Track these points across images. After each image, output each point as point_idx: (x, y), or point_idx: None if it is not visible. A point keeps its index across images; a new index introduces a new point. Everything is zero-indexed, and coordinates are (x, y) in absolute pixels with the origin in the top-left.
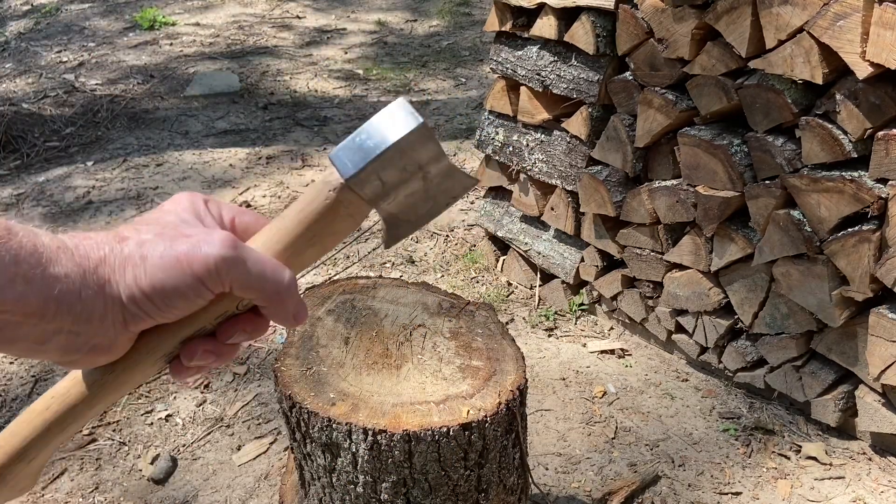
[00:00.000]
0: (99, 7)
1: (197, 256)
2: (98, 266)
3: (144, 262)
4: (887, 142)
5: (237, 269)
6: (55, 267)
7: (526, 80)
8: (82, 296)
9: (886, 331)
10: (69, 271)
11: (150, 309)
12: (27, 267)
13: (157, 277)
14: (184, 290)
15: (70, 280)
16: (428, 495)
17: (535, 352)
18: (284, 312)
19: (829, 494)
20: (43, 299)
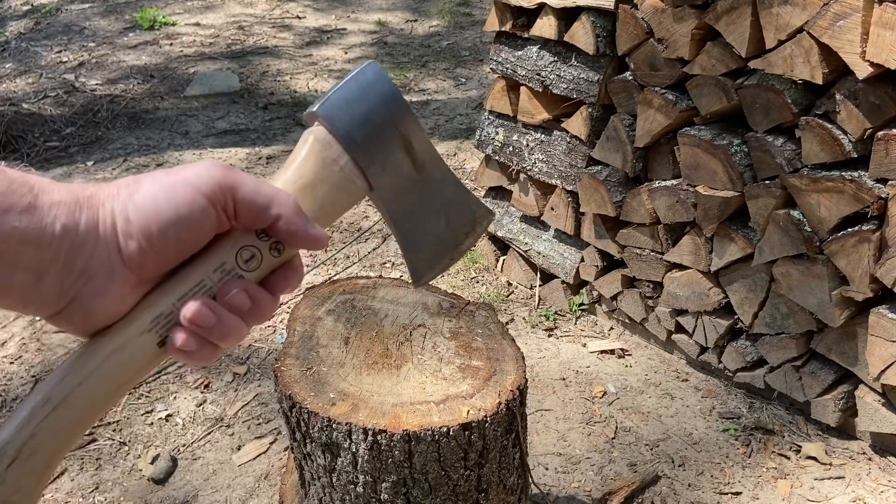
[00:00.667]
0: (99, 7)
1: (193, 173)
2: (93, 194)
3: (138, 183)
4: (887, 142)
5: (236, 178)
6: (49, 195)
7: (526, 80)
8: (76, 218)
9: (886, 331)
10: (63, 198)
11: (148, 230)
12: (18, 197)
13: (152, 193)
14: (183, 204)
15: (65, 205)
16: (428, 495)
17: (535, 352)
18: (300, 226)
19: (828, 494)
20: (39, 226)
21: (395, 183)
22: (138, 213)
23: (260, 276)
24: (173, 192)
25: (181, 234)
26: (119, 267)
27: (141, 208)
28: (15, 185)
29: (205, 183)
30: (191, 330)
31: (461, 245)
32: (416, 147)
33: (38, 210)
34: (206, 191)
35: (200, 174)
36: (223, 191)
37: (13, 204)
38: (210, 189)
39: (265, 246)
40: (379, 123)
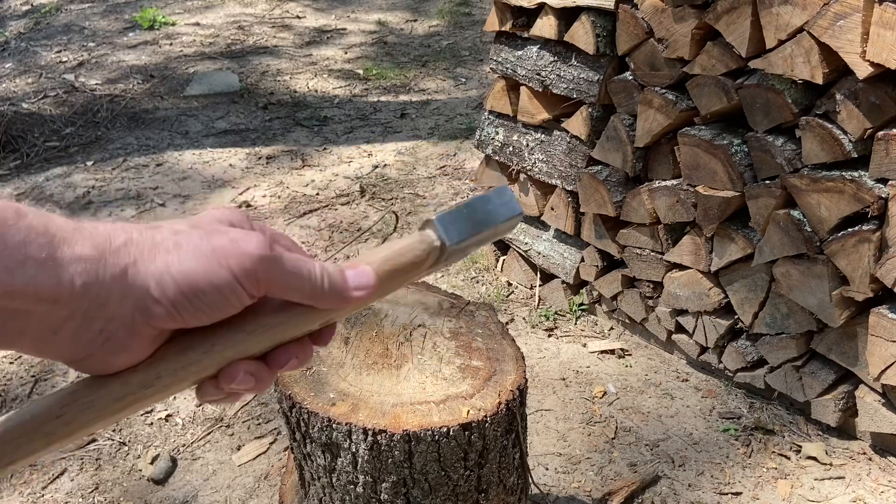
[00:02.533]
0: (99, 7)
1: (234, 251)
2: (122, 248)
3: (178, 250)
4: (887, 142)
5: (275, 269)
6: (69, 247)
7: (526, 80)
8: (99, 276)
9: (886, 331)
10: (85, 252)
11: (178, 300)
12: (37, 248)
13: (189, 265)
14: (217, 283)
15: (86, 260)
16: (428, 495)
17: (535, 352)
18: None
19: (829, 494)
20: (56, 282)
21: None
22: (175, 285)
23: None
24: (214, 274)
25: (211, 311)
26: (141, 327)
27: (178, 281)
28: (34, 234)
29: (245, 274)
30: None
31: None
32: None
33: (57, 264)
34: (245, 282)
35: (242, 260)
36: (261, 282)
37: (29, 256)
38: (249, 281)
39: None
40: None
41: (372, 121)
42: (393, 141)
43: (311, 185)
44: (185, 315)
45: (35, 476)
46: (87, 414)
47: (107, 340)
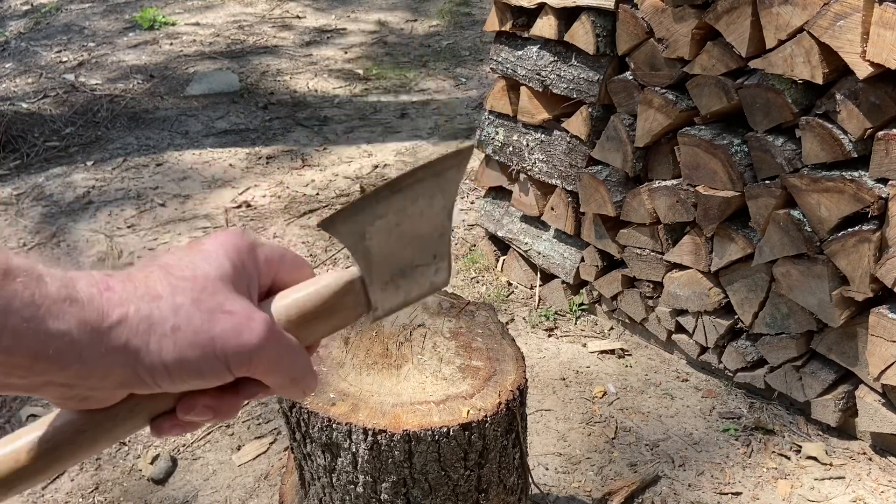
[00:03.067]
0: (99, 7)
1: (233, 343)
2: (115, 327)
3: (175, 335)
4: (887, 142)
5: (268, 360)
6: (53, 322)
7: (526, 79)
8: (83, 356)
9: (886, 331)
10: (71, 328)
11: (164, 381)
12: (18, 320)
13: (184, 354)
14: (207, 372)
15: (69, 338)
16: (428, 495)
17: (535, 352)
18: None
19: (829, 494)
20: (32, 355)
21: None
22: (164, 370)
23: None
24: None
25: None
26: (121, 393)
27: (169, 369)
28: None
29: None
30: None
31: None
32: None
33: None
34: (237, 372)
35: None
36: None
37: (7, 326)
38: (241, 371)
39: None
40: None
41: (372, 121)
42: (393, 141)
43: (311, 185)
44: (166, 389)
45: None
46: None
47: (82, 401)
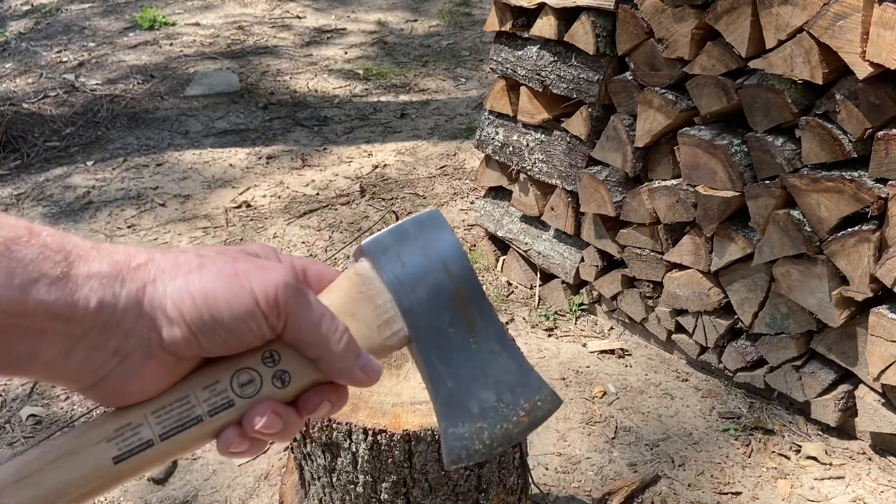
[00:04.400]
0: (99, 7)
1: (259, 275)
2: (141, 266)
3: (201, 270)
4: (887, 142)
5: (298, 301)
6: (85, 264)
7: (526, 80)
8: (115, 294)
9: (886, 330)
10: (102, 269)
11: (195, 321)
12: (51, 265)
13: (210, 285)
14: (237, 307)
15: (102, 277)
16: (428, 495)
17: (535, 352)
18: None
19: (828, 494)
20: (70, 300)
21: (439, 338)
22: (193, 304)
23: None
24: (233, 296)
25: (229, 338)
26: (157, 350)
27: (197, 301)
28: (48, 251)
29: (266, 298)
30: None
31: (511, 429)
32: (471, 305)
33: (72, 281)
34: (265, 307)
35: (267, 287)
36: (280, 313)
37: (43, 274)
38: (269, 307)
39: (268, 373)
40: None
41: (372, 121)
42: (393, 141)
43: (311, 185)
44: (201, 339)
45: None
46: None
47: (121, 362)
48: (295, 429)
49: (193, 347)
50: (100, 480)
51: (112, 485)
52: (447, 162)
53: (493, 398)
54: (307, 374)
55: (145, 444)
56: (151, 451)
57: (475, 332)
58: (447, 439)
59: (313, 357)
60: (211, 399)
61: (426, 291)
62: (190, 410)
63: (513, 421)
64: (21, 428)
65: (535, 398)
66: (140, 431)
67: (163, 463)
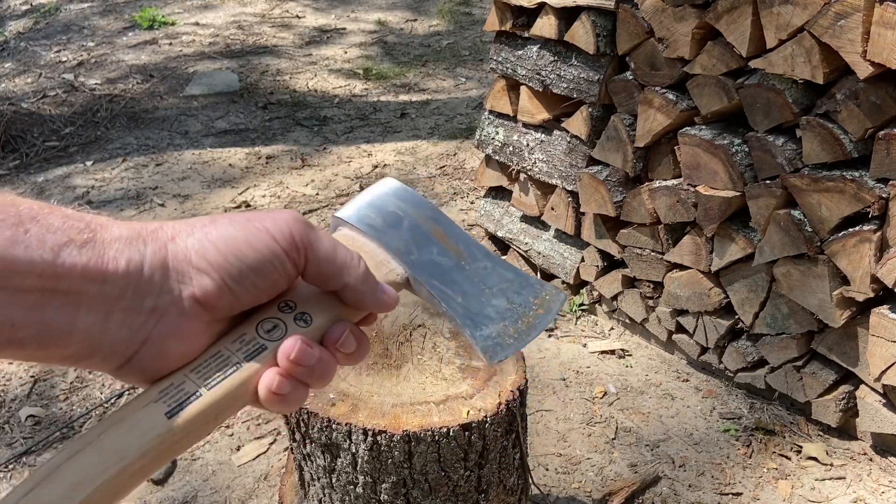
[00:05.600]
0: (98, 6)
1: (269, 217)
2: (158, 229)
3: (214, 224)
4: (888, 141)
5: (310, 233)
6: (106, 231)
7: (526, 79)
8: (140, 253)
9: (887, 331)
10: (122, 233)
11: (221, 265)
12: (76, 232)
13: (228, 232)
14: (257, 245)
15: (126, 240)
16: (428, 496)
17: (535, 352)
18: (367, 294)
19: (829, 495)
20: (100, 261)
21: (433, 268)
22: (216, 250)
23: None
24: (252, 236)
25: (257, 280)
26: (191, 304)
27: (219, 246)
28: (71, 220)
29: (282, 234)
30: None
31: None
32: (450, 237)
33: (99, 244)
34: (283, 243)
35: (279, 225)
36: (298, 246)
37: (71, 239)
38: (287, 242)
39: (289, 317)
40: (400, 215)
41: (372, 121)
42: (393, 141)
43: (311, 184)
44: (230, 283)
45: None
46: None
47: (158, 322)
48: (329, 367)
49: (225, 295)
50: (157, 438)
51: (171, 446)
52: (447, 162)
53: (504, 302)
54: (326, 311)
55: (192, 395)
56: (200, 401)
57: (463, 257)
58: (478, 342)
59: (337, 286)
60: (242, 348)
61: (407, 234)
62: (225, 361)
63: (530, 314)
64: (20, 428)
65: (542, 294)
66: (184, 387)
67: (214, 417)
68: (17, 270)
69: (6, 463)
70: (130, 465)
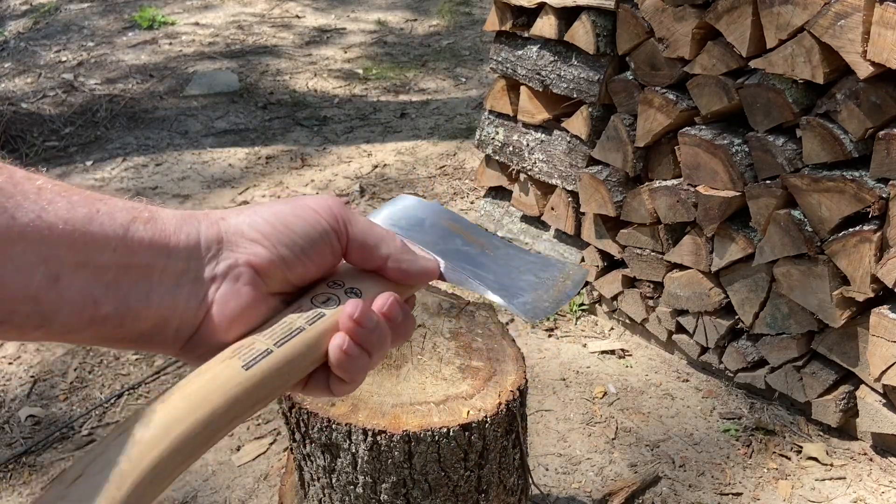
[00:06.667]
0: (98, 6)
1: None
2: (209, 212)
3: (259, 206)
4: (888, 141)
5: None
6: (164, 212)
7: (526, 79)
8: (196, 228)
9: (887, 331)
10: (178, 214)
11: (273, 234)
12: (138, 211)
13: (274, 208)
14: (307, 218)
15: (181, 218)
16: (428, 496)
17: (535, 352)
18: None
19: (829, 495)
20: (163, 235)
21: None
22: (265, 222)
23: None
24: (298, 209)
25: (306, 247)
26: (248, 272)
27: (268, 219)
28: (130, 203)
29: (324, 209)
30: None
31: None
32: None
33: (160, 222)
34: (326, 216)
35: (320, 202)
36: (339, 221)
37: (135, 217)
38: (329, 215)
39: (340, 291)
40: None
41: (372, 121)
42: (393, 141)
43: (311, 184)
44: (282, 251)
45: (34, 477)
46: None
47: (219, 289)
48: (385, 335)
49: (277, 264)
50: (238, 387)
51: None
52: (447, 162)
53: (533, 278)
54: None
55: (264, 352)
56: (272, 356)
57: (486, 247)
58: (516, 307)
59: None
60: (303, 315)
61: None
62: (289, 326)
63: (559, 285)
64: (20, 428)
65: (567, 270)
66: (255, 346)
67: (287, 373)
68: (96, 246)
69: (6, 463)
70: (216, 410)
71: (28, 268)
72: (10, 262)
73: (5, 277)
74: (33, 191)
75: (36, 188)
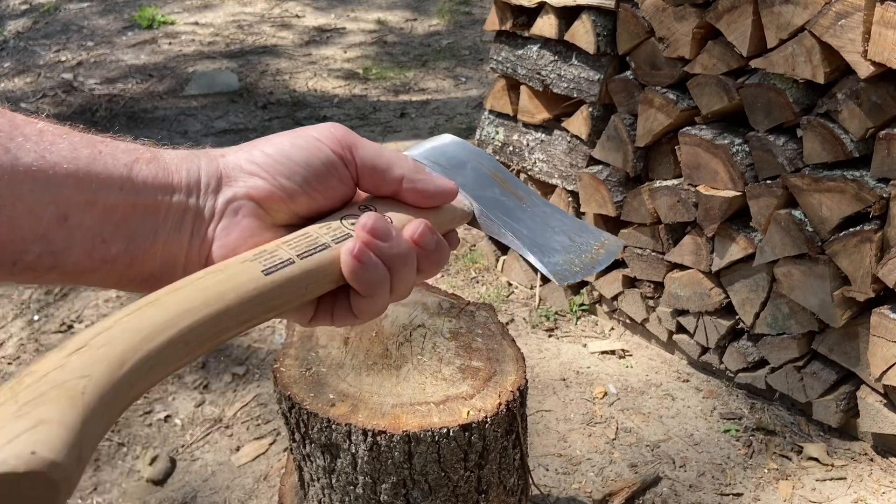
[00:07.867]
0: (97, 6)
1: (311, 127)
2: (209, 150)
3: (259, 141)
4: (889, 141)
5: (352, 136)
6: (166, 151)
7: (526, 79)
8: (196, 165)
9: (888, 331)
10: (179, 153)
11: (272, 167)
12: (141, 151)
13: (276, 141)
14: (304, 145)
15: (182, 156)
16: (428, 496)
17: (535, 352)
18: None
19: (830, 495)
20: (166, 173)
21: (497, 205)
22: (264, 154)
23: None
24: (297, 139)
25: (308, 176)
26: (249, 204)
27: (267, 151)
28: (132, 144)
29: (326, 135)
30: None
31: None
32: (509, 183)
33: (162, 160)
34: (328, 141)
35: (321, 129)
36: (343, 147)
37: (138, 157)
38: (331, 140)
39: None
40: (464, 160)
41: (372, 120)
42: (393, 140)
43: None
44: (282, 181)
45: None
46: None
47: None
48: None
49: (278, 194)
50: (254, 291)
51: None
52: None
53: (567, 240)
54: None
55: (286, 261)
56: (294, 266)
57: (524, 200)
58: (548, 267)
59: (394, 184)
60: (329, 233)
61: (471, 175)
62: (314, 241)
63: (592, 251)
64: None
65: (601, 238)
66: (278, 253)
67: (305, 287)
68: (102, 186)
69: None
70: (230, 309)
71: (37, 206)
72: (18, 201)
73: (15, 216)
74: (34, 132)
75: (37, 130)
